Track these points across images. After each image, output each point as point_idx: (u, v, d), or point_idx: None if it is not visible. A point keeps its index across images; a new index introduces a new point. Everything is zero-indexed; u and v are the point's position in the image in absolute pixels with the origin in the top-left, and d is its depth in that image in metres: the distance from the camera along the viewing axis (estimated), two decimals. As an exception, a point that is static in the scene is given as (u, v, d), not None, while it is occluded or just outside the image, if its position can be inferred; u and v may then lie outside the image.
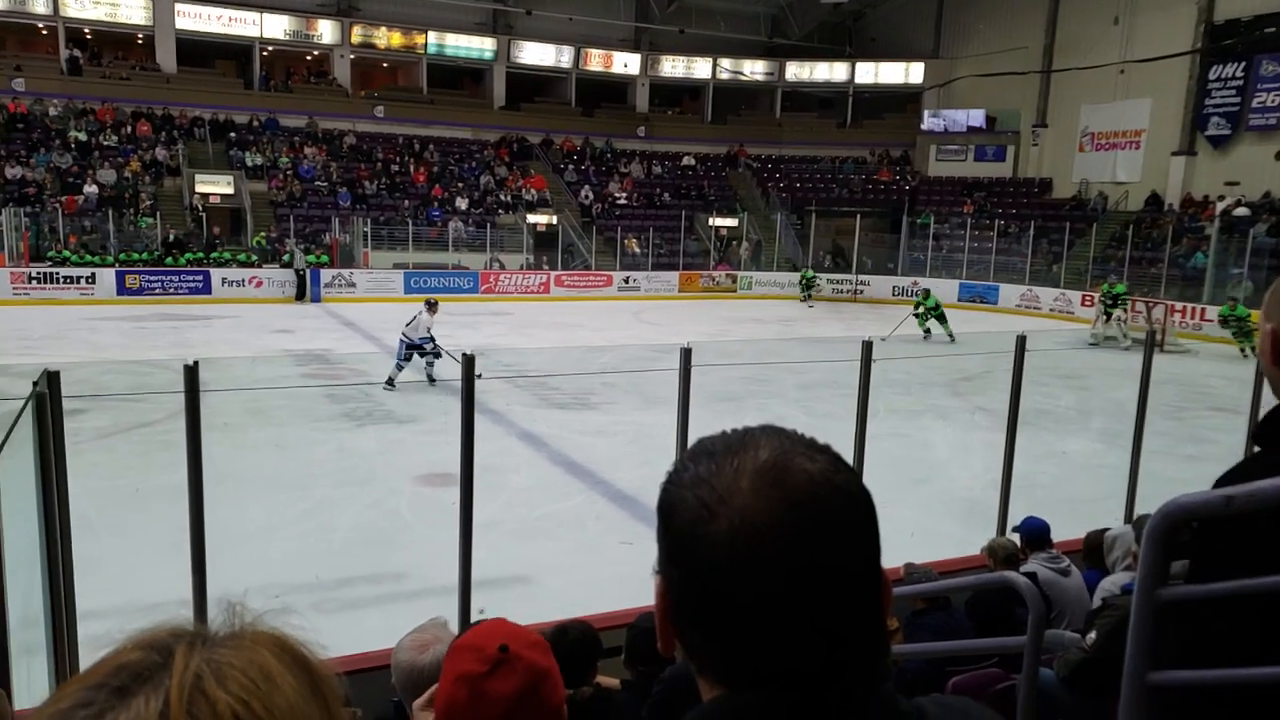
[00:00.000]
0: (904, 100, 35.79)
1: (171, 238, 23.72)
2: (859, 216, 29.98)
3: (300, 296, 23.35)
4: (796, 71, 36.48)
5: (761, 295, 28.76)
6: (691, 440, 0.83)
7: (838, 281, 29.19)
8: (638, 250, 29.05)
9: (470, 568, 4.10)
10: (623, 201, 31.56)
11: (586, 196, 30.93)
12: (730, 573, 0.67)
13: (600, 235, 28.86)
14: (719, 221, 30.97)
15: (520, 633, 1.37)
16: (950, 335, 18.37)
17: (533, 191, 30.40)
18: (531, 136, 32.84)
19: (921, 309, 18.99)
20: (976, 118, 33.19)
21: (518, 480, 8.38)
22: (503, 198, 29.86)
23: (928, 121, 34.03)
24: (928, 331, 18.75)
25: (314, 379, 12.96)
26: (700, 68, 36.12)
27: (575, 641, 2.72)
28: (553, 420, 10.85)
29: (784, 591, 0.67)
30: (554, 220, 28.75)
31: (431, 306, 13.08)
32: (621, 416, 11.12)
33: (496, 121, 33.06)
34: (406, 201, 28.15)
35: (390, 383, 11.94)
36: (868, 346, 4.97)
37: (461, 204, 28.80)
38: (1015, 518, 4.90)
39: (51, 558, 3.13)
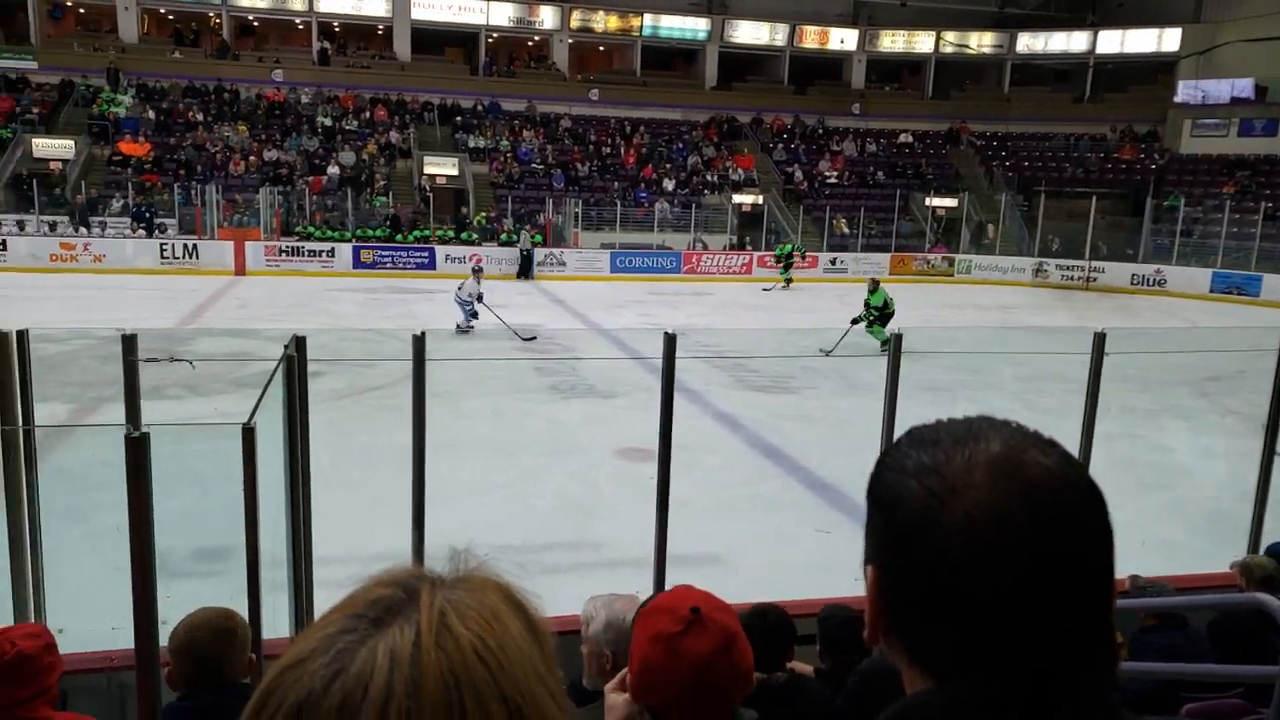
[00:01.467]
0: (1153, 70, 32.45)
1: (391, 214, 25.58)
2: (1094, 198, 27.53)
3: (523, 274, 24.52)
4: (1029, 42, 33.99)
5: (981, 280, 27.18)
6: (899, 431, 0.80)
7: (1068, 268, 27.01)
8: (847, 231, 28.25)
9: (665, 542, 4.15)
10: (833, 180, 30.77)
11: (795, 176, 30.43)
12: (965, 564, 0.67)
13: (808, 215, 28.32)
14: (937, 202, 29.42)
15: (709, 597, 1.40)
16: (882, 342, 13.32)
17: (740, 171, 30.28)
18: (741, 116, 32.68)
19: (863, 313, 14.16)
20: (1243, 88, 29.53)
21: (712, 460, 8.40)
22: (709, 178, 29.96)
23: (1183, 93, 30.66)
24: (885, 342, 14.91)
25: (525, 353, 13.59)
26: (922, 42, 34.46)
27: (773, 626, 2.69)
28: (750, 402, 10.79)
29: (1022, 584, 0.66)
30: (759, 200, 28.49)
31: (477, 272, 15.58)
32: (823, 402, 10.88)
33: (707, 102, 33.15)
34: (616, 183, 28.87)
35: (460, 328, 14.55)
36: (1100, 338, 4.55)
37: (668, 185, 29.17)
38: (1271, 535, 4.34)
39: (294, 505, 3.46)
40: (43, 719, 2.17)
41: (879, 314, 14.05)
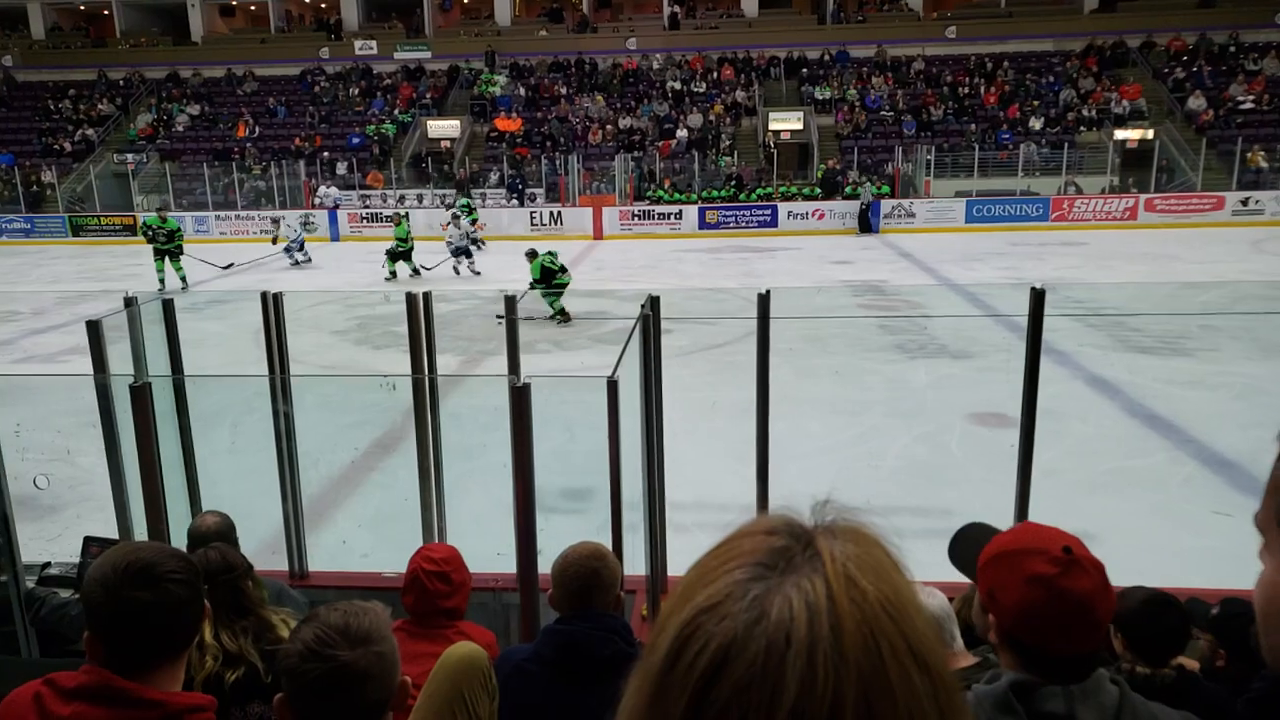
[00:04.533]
0: None
1: (735, 174, 25.94)
2: None
3: (864, 229, 23.88)
4: None
5: None
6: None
7: None
8: (1264, 165, 23.78)
9: (1027, 513, 3.82)
10: (1247, 107, 26.01)
11: (1196, 104, 26.17)
12: None
13: (1212, 150, 24.26)
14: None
15: (1063, 533, 1.39)
16: (558, 314, 12.33)
17: (1124, 103, 26.64)
18: (1130, 39, 28.72)
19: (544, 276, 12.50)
20: None
21: (1083, 429, 7.57)
22: (1085, 113, 26.75)
23: None
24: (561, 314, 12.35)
25: (869, 309, 13.21)
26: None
27: (1171, 617, 2.39)
28: (1132, 365, 9.55)
29: None
30: (1148, 134, 24.89)
31: (456, 217, 17.89)
32: (1226, 366, 9.34)
33: (1084, 28, 29.54)
34: (974, 125, 26.84)
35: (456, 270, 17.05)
36: None
37: (1035, 124, 26.52)
38: None
39: (650, 453, 3.66)
40: (455, 623, 2.58)
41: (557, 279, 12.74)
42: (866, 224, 23.82)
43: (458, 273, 17.37)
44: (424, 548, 2.78)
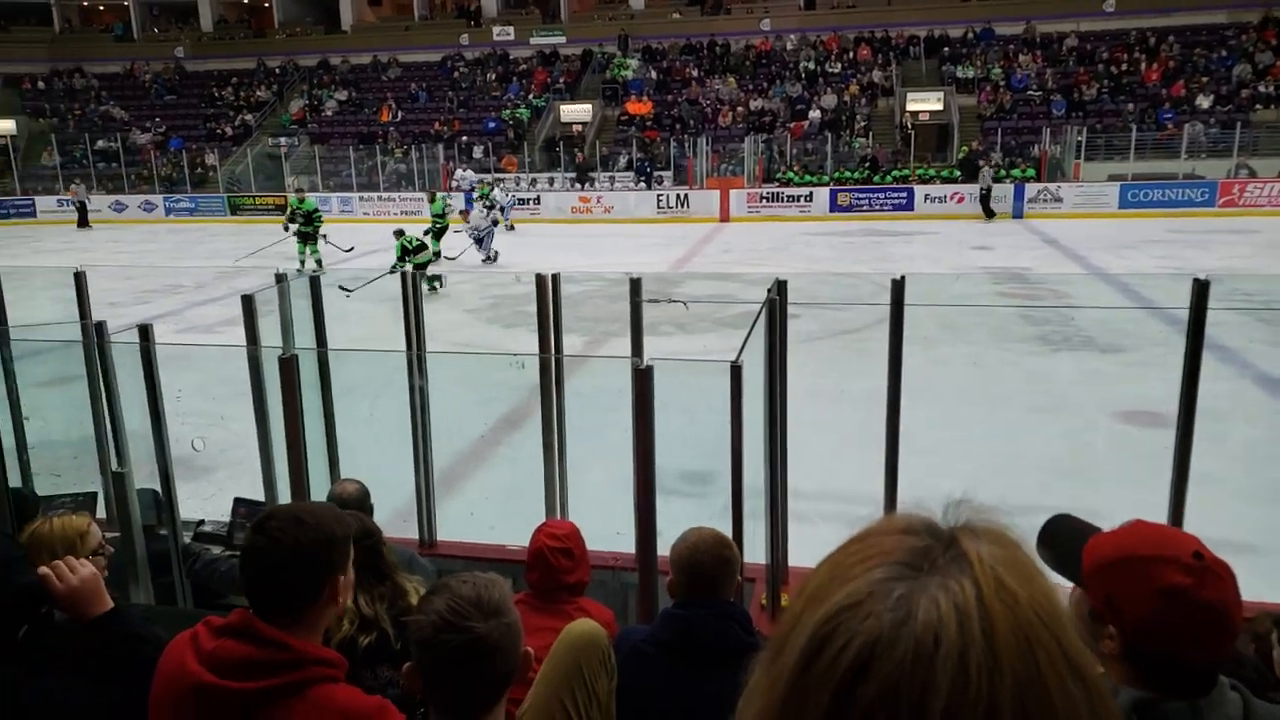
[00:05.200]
0: None
1: (869, 155, 25.16)
2: None
3: (987, 214, 22.79)
4: None
5: None
6: None
7: None
8: None
9: (1181, 521, 3.55)
10: None
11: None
12: None
13: None
14: None
15: (1185, 534, 1.31)
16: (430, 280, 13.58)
17: (1304, 79, 24.41)
18: (1313, 8, 26.26)
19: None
20: None
21: (1251, 432, 7.01)
22: (1262, 89, 24.62)
23: None
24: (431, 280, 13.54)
25: (1010, 298, 12.60)
26: None
27: None
28: (1308, 364, 8.76)
29: None
30: (1332, 113, 22.72)
31: (465, 213, 17.86)
32: None
33: (1260, -3, 27.18)
34: (1132, 105, 25.15)
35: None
36: None
37: (1203, 102, 24.61)
38: None
39: (772, 440, 3.59)
40: (576, 599, 2.63)
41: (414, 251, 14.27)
42: (988, 209, 22.76)
43: (490, 259, 17.12)
44: (546, 523, 2.83)
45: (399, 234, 14.35)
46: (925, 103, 26.54)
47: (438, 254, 17.60)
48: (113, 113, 32.90)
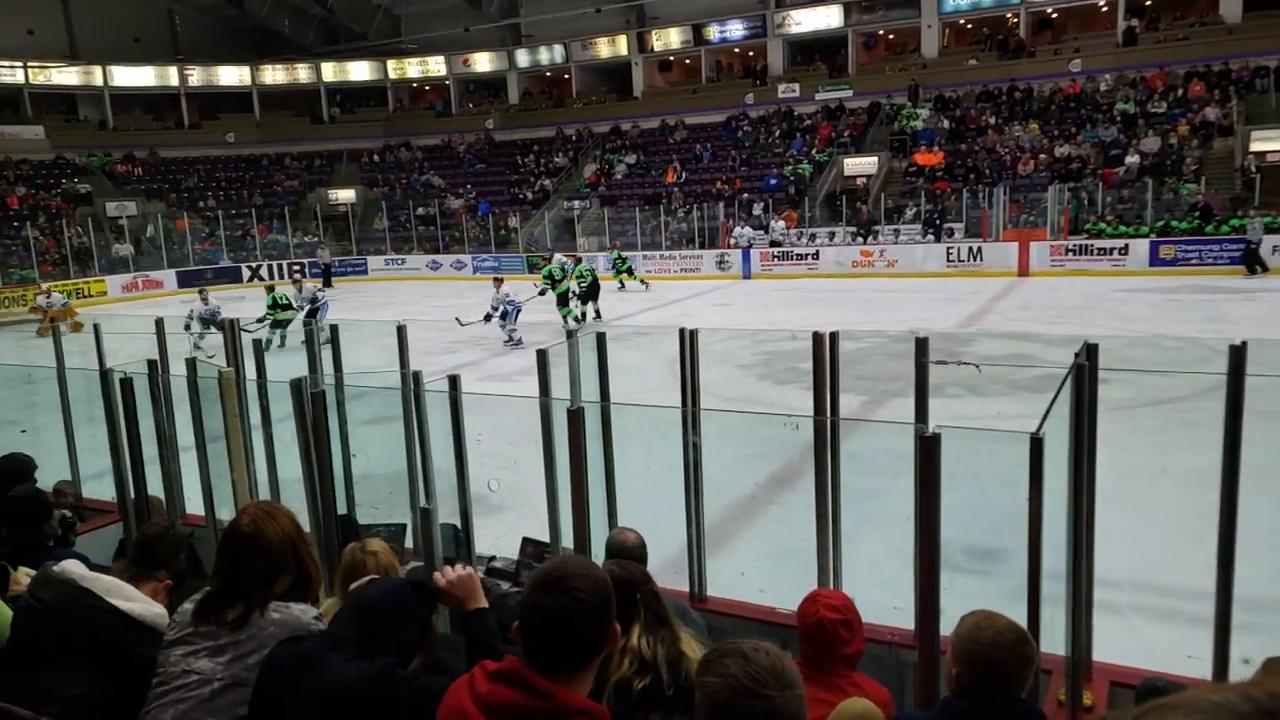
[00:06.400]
0: None
1: (1200, 203, 22.34)
2: None
3: (1250, 270, 19.80)
4: None
5: None
6: None
7: None
8: None
9: None
10: None
11: None
12: None
13: None
14: None
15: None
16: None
17: None
18: None
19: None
20: None
21: None
22: None
23: None
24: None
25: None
26: None
27: None
28: None
29: None
30: None
31: (498, 283, 16.44)
32: None
33: None
34: None
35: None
36: None
37: None
38: None
39: (1076, 519, 3.23)
40: (850, 673, 2.56)
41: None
42: (1255, 263, 19.72)
43: (513, 340, 15.88)
44: (820, 593, 2.73)
45: (270, 289, 16.49)
46: (1274, 142, 23.23)
47: (597, 314, 18.17)
48: (433, 181, 37.28)
